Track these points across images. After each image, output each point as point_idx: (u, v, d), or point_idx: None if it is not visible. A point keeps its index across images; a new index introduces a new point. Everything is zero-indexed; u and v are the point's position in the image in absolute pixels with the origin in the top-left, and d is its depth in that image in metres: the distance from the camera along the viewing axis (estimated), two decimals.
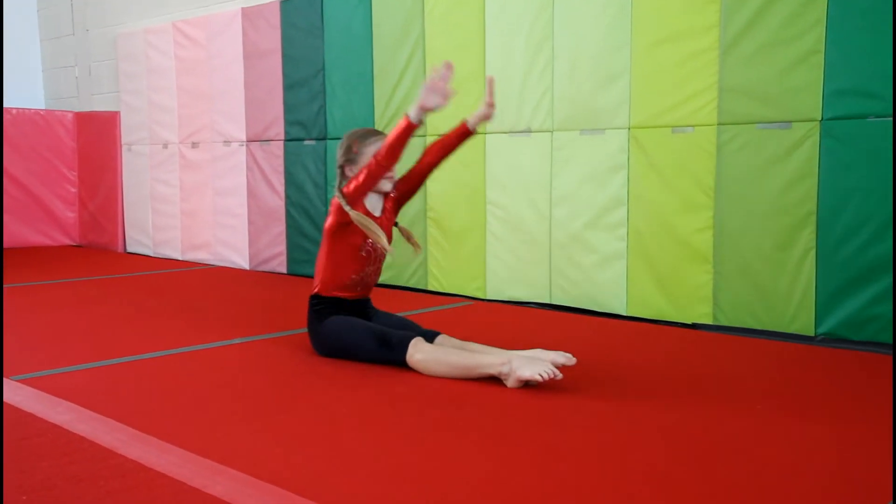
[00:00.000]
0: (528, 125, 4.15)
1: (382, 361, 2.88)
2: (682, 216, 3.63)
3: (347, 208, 2.91)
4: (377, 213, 3.05)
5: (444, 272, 4.58)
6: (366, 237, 2.96)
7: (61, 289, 4.80)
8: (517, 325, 3.71)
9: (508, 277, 4.30)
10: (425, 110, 2.83)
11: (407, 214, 4.70)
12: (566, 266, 4.05)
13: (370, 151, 2.98)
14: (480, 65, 4.30)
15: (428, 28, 4.52)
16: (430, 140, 4.55)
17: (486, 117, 3.07)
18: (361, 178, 2.89)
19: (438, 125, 4.51)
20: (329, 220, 2.99)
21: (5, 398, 2.48)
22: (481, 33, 4.29)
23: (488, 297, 4.39)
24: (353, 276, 3.02)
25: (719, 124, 3.50)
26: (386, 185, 3.04)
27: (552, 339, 3.40)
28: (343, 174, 3.07)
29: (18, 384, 2.64)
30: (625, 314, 3.85)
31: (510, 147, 4.23)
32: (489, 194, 4.34)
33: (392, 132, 2.85)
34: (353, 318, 2.98)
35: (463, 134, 3.10)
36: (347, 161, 3.05)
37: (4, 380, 2.69)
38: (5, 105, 7.29)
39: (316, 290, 3.04)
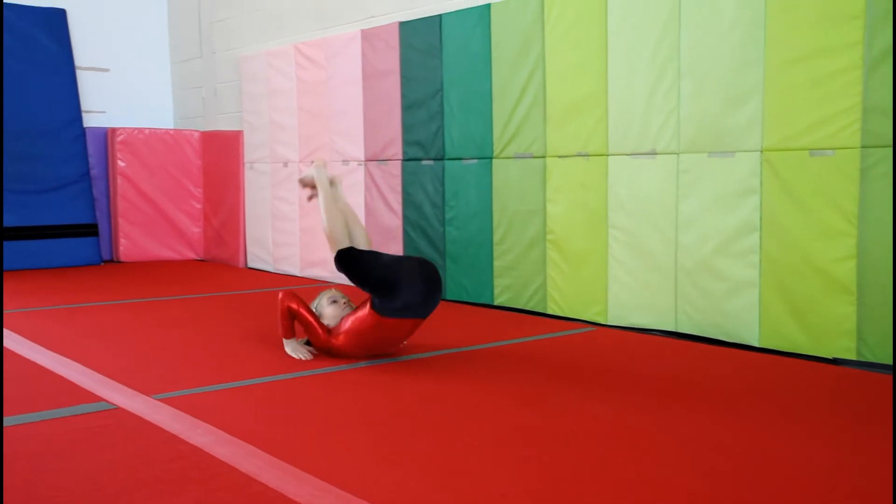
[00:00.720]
0: (652, 146, 4.04)
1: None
2: (821, 244, 3.45)
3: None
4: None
5: (564, 295, 4.51)
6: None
7: (188, 305, 4.97)
8: (640, 355, 3.61)
9: (631, 303, 4.19)
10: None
11: (526, 236, 4.66)
12: (693, 293, 3.92)
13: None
14: (602, 83, 4.23)
15: (548, 46, 4.47)
16: (549, 161, 4.51)
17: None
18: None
19: (558, 147, 4.46)
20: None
21: (149, 417, 2.56)
22: (603, 51, 4.21)
23: (609, 323, 4.29)
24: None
25: (863, 147, 3.31)
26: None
27: (678, 368, 3.29)
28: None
29: (159, 403, 2.73)
30: (757, 345, 3.69)
31: (633, 169, 4.13)
32: (611, 217, 4.25)
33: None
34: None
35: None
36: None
37: (147, 398, 2.78)
38: (139, 125, 7.65)
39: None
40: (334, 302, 3.53)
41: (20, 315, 4.53)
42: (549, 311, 4.59)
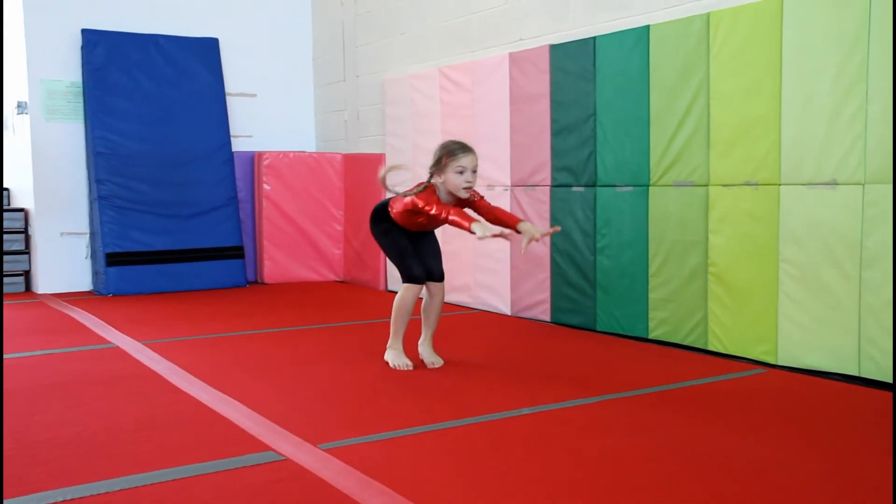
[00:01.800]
0: (833, 176, 3.73)
1: (396, 266, 3.97)
2: None
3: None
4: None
5: (727, 331, 4.24)
6: (425, 216, 3.77)
7: (334, 334, 4.97)
8: (820, 404, 3.31)
9: (806, 342, 3.89)
10: (481, 237, 3.50)
11: (685, 267, 4.42)
12: (880, 336, 3.58)
13: (454, 165, 3.71)
14: (775, 109, 3.95)
15: (714, 69, 4.23)
16: (712, 189, 4.25)
17: (534, 238, 3.71)
18: (430, 211, 3.68)
19: (723, 175, 4.20)
20: (408, 203, 3.77)
21: (320, 473, 2.48)
22: (777, 73, 3.94)
23: (780, 363, 3.99)
24: (412, 227, 3.92)
25: None
26: (464, 194, 3.78)
27: (867, 421, 2.99)
28: (431, 175, 3.82)
29: (327, 455, 2.65)
30: None
31: (810, 200, 3.83)
32: (782, 250, 3.96)
33: (459, 220, 3.59)
34: (400, 234, 3.92)
35: (509, 224, 3.79)
36: (436, 169, 3.78)
37: (314, 448, 2.71)
38: (283, 148, 7.82)
39: (391, 207, 3.93)
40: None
41: (177, 345, 4.64)
42: (711, 348, 4.33)
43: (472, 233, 3.51)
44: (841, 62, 3.67)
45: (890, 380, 3.56)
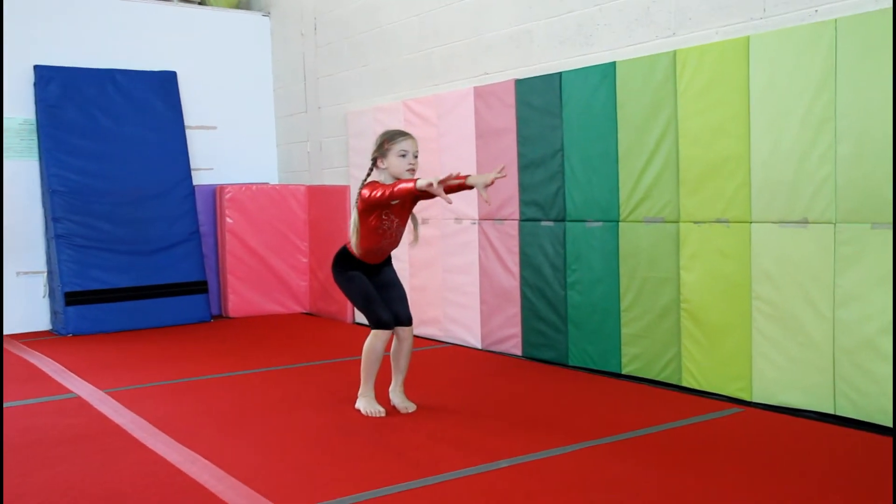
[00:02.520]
0: (804, 215, 3.75)
1: (362, 313, 3.92)
2: None
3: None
4: (394, 201, 3.74)
5: (701, 368, 4.23)
6: (383, 220, 3.76)
7: (302, 377, 4.86)
8: (796, 446, 3.31)
9: (781, 380, 3.89)
10: (430, 192, 3.51)
11: (657, 303, 4.41)
12: (854, 375, 3.59)
13: (396, 149, 3.77)
14: (745, 147, 3.96)
15: (681, 107, 4.24)
16: (683, 226, 4.25)
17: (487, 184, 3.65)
18: (377, 195, 3.63)
19: (694, 212, 4.20)
20: (359, 206, 3.75)
21: None
22: (745, 112, 3.95)
23: (755, 400, 3.99)
24: (374, 247, 3.83)
25: None
26: (407, 176, 3.76)
27: (843, 464, 2.98)
28: (374, 165, 3.84)
29: None
30: None
31: (781, 238, 3.84)
32: (755, 288, 3.96)
33: (404, 187, 3.57)
34: (364, 281, 3.87)
35: (463, 188, 3.73)
36: (379, 154, 3.82)
37: None
38: (245, 180, 7.71)
39: (347, 244, 3.90)
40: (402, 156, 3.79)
41: (140, 393, 4.51)
42: (685, 384, 4.32)
43: (420, 189, 3.51)
44: (809, 102, 3.70)
45: (866, 418, 3.57)
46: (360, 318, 6.79)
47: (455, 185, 3.66)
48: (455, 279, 5.79)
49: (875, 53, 3.45)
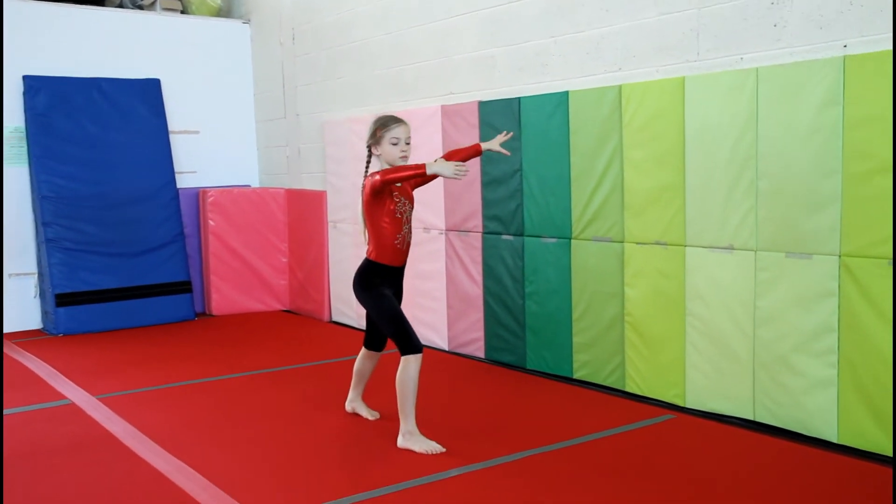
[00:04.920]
0: (730, 242, 4.16)
1: (391, 337, 3.82)
2: None
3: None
4: (398, 184, 3.87)
5: (642, 375, 4.66)
6: (395, 200, 3.83)
7: (282, 380, 5.26)
8: (718, 452, 3.74)
9: (710, 389, 4.32)
10: (438, 174, 3.72)
11: (605, 316, 4.82)
12: (771, 387, 4.03)
13: (389, 137, 3.86)
14: (680, 177, 4.36)
15: (626, 137, 4.62)
16: (627, 246, 4.66)
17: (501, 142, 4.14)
18: (387, 176, 3.70)
19: (637, 234, 4.60)
20: (365, 198, 3.84)
21: None
22: (681, 147, 4.35)
23: (688, 405, 4.42)
24: (398, 236, 3.87)
25: None
26: (400, 164, 3.85)
27: (756, 470, 3.41)
28: (370, 153, 3.99)
29: None
30: (836, 441, 3.79)
31: (711, 262, 4.26)
32: (689, 306, 4.38)
33: (409, 169, 3.68)
34: (392, 301, 3.83)
35: (477, 154, 4.16)
36: (373, 142, 3.94)
37: None
38: (227, 182, 8.06)
39: (370, 256, 3.92)
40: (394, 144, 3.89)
41: (131, 399, 4.88)
42: (628, 389, 4.75)
43: (431, 174, 3.70)
44: (735, 141, 4.09)
45: (781, 425, 4.01)
46: (337, 316, 7.19)
47: (466, 156, 4.07)
48: (424, 285, 6.18)
49: (790, 100, 3.85)
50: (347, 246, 6.98)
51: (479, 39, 5.69)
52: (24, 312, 7.15)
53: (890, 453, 3.60)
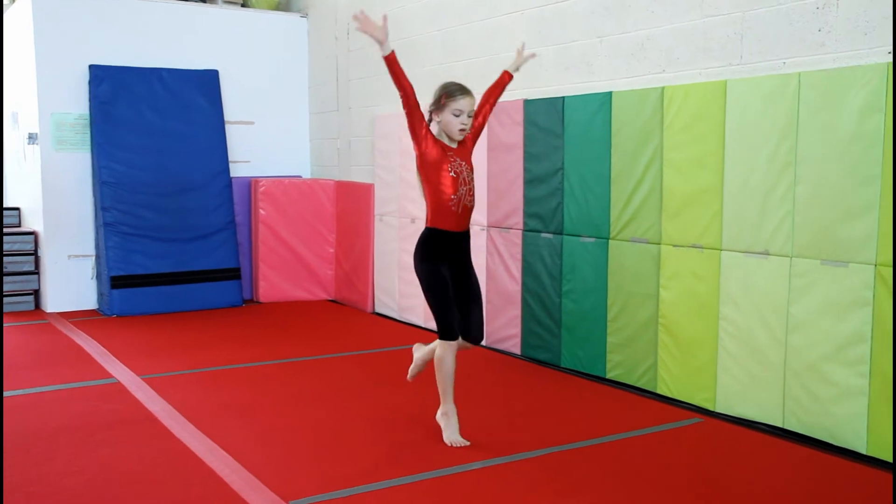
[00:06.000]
0: (765, 247, 4.13)
1: (432, 312, 3.81)
2: None
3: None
4: (454, 146, 3.82)
5: (674, 378, 4.65)
6: (449, 159, 3.74)
7: (322, 368, 5.38)
8: (747, 458, 3.73)
9: (740, 394, 4.30)
10: (382, 41, 3.80)
11: (639, 317, 4.82)
12: (801, 394, 3.99)
13: (452, 107, 3.73)
14: (719, 180, 4.34)
15: (667, 139, 4.61)
16: (664, 248, 4.65)
17: (526, 59, 4.06)
18: (405, 99, 3.75)
19: (674, 236, 4.59)
20: (417, 160, 3.80)
21: None
22: (721, 149, 4.32)
23: (717, 410, 4.41)
24: (452, 197, 3.74)
25: None
26: (458, 136, 3.79)
27: (779, 478, 3.40)
28: (430, 118, 3.84)
29: None
30: (864, 452, 3.75)
31: (746, 266, 4.23)
32: (722, 310, 4.36)
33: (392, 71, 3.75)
34: (444, 281, 3.75)
35: (505, 81, 4.05)
36: (435, 108, 3.82)
37: None
38: (280, 172, 8.24)
39: (427, 222, 3.81)
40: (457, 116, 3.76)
41: (174, 380, 5.06)
42: (659, 391, 4.74)
43: (385, 54, 3.79)
44: (775, 145, 4.06)
45: (809, 433, 3.97)
46: (380, 308, 7.31)
47: (496, 86, 4.03)
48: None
49: (831, 106, 3.80)
50: (393, 239, 7.08)
51: (526, 38, 5.72)
52: (82, 293, 7.43)
53: None
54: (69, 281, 7.36)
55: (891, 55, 3.68)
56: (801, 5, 4.03)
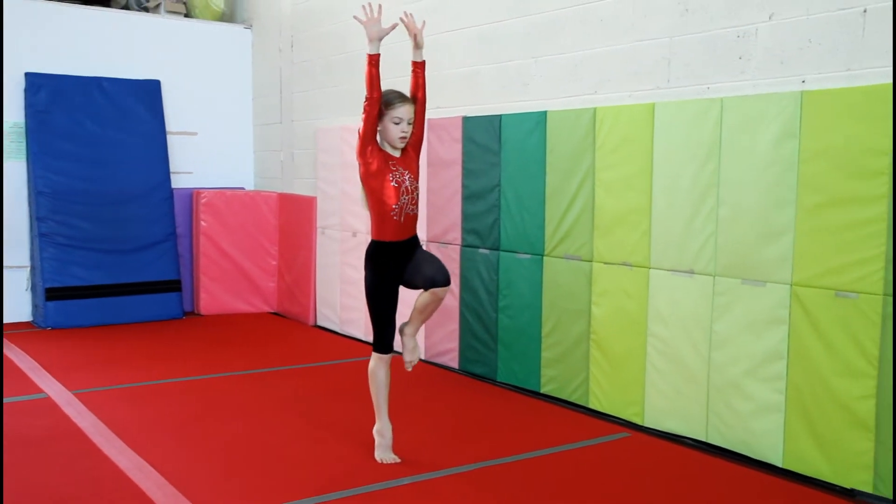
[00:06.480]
0: (690, 266, 4.26)
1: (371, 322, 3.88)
2: (843, 380, 3.63)
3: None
4: (397, 155, 3.82)
5: (605, 393, 4.75)
6: (391, 168, 3.73)
7: (262, 382, 5.38)
8: (669, 473, 3.84)
9: (667, 409, 4.41)
10: (373, 39, 3.76)
11: (572, 333, 4.92)
12: (723, 409, 4.12)
13: (392, 115, 3.74)
14: (647, 200, 4.46)
15: (598, 159, 4.73)
16: (595, 266, 4.75)
17: (418, 46, 4.01)
18: (361, 122, 3.70)
19: (605, 254, 4.70)
20: (360, 170, 3.77)
21: None
22: (648, 170, 4.45)
23: (646, 424, 4.52)
24: (394, 207, 3.73)
25: (885, 294, 3.48)
26: (399, 144, 3.79)
27: (698, 492, 3.51)
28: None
29: None
30: (780, 465, 3.88)
31: (672, 285, 4.35)
32: (650, 326, 4.48)
33: (368, 76, 3.68)
34: (388, 294, 3.85)
35: (418, 72, 4.03)
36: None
37: None
38: (223, 184, 8.20)
39: (372, 235, 3.81)
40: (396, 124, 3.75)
41: (106, 395, 5.01)
42: (591, 406, 4.84)
43: (372, 53, 3.72)
44: (699, 167, 4.19)
45: (730, 447, 4.10)
46: (322, 321, 7.31)
47: (419, 75, 4.02)
48: (405, 293, 6.27)
49: (750, 131, 3.95)
50: (335, 252, 7.10)
51: (466, 55, 5.81)
52: (16, 305, 7.30)
53: (831, 480, 3.68)
54: (3, 293, 7.22)
55: (804, 84, 3.84)
56: (725, 33, 4.18)
